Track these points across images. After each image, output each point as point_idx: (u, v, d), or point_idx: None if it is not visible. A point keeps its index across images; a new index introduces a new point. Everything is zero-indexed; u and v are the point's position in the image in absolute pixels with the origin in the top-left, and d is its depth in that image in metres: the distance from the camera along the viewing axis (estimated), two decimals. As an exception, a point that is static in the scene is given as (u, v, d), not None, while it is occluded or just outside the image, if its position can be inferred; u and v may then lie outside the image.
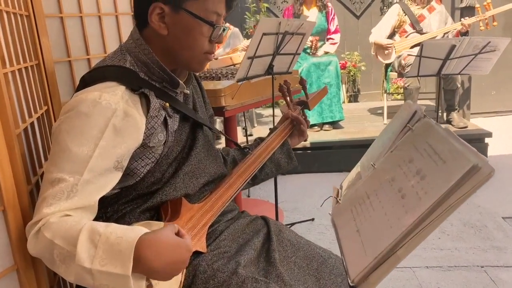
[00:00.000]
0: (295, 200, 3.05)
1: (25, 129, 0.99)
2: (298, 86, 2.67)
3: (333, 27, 3.98)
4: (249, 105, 2.18)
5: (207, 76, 2.24)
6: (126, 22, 1.57)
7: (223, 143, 3.64)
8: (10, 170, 0.84)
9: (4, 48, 0.93)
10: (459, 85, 3.77)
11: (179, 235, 0.79)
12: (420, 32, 3.79)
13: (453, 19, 3.95)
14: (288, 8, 4.03)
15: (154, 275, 0.76)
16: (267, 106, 4.54)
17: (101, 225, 0.76)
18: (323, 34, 3.98)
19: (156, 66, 0.94)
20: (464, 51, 2.57)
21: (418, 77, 3.24)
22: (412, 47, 3.73)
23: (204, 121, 1.07)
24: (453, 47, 2.52)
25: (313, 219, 2.70)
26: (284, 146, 1.24)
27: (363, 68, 5.52)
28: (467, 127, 3.72)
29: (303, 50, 3.21)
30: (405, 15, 3.83)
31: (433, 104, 4.52)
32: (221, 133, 1.26)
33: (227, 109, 1.95)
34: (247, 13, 5.13)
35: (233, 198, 1.09)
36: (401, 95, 4.99)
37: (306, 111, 1.36)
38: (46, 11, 1.33)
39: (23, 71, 1.05)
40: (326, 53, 3.95)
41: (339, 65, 4.01)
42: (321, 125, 3.91)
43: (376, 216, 0.73)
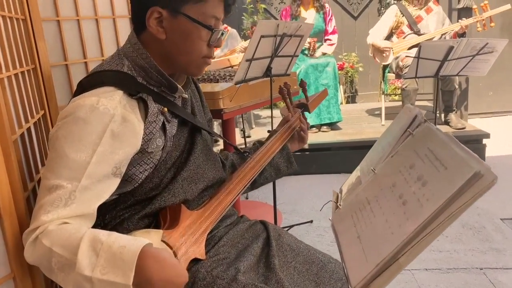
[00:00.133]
0: (294, 202, 3.04)
1: (21, 134, 0.98)
2: (296, 87, 2.67)
3: (330, 28, 3.98)
4: (247, 107, 2.18)
5: (205, 79, 2.23)
6: (124, 25, 1.55)
7: (221, 145, 3.63)
8: (7, 177, 0.83)
9: (0, 53, 0.92)
10: (456, 86, 3.78)
11: None
12: (417, 33, 3.78)
13: (451, 20, 3.95)
14: (286, 9, 4.02)
15: None
16: (265, 107, 4.54)
17: (103, 234, 0.75)
18: (320, 35, 3.98)
19: (154, 70, 0.93)
20: (462, 52, 2.56)
21: (416, 79, 3.24)
22: (410, 48, 3.73)
23: (202, 125, 1.06)
24: (451, 48, 2.52)
25: (311, 221, 2.69)
26: (283, 150, 1.24)
27: (360, 69, 5.53)
28: (465, 128, 3.72)
29: (301, 52, 3.20)
30: (402, 16, 3.83)
31: (431, 105, 4.53)
32: (220, 137, 1.25)
33: (225, 112, 1.94)
34: (244, 14, 5.13)
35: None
36: (399, 96, 5.00)
37: (304, 112, 1.35)
38: (43, 14, 1.32)
39: (19, 75, 1.04)
40: (324, 54, 3.95)
41: (337, 66, 4.01)
42: (319, 126, 3.90)
43: (377, 222, 0.73)
